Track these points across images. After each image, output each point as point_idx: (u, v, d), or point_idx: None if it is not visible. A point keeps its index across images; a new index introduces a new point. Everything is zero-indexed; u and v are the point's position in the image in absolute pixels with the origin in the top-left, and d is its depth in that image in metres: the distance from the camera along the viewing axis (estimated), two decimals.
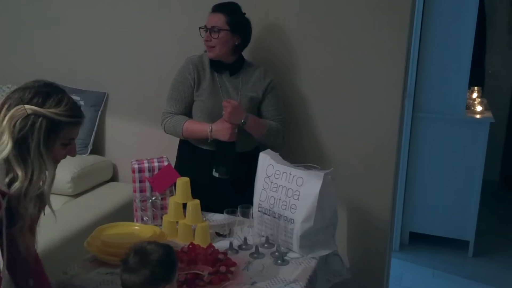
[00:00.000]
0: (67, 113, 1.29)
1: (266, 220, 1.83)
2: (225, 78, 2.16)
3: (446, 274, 3.11)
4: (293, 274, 1.61)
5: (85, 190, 2.53)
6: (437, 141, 3.26)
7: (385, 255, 2.38)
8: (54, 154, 1.31)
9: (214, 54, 2.11)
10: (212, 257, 1.59)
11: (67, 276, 1.57)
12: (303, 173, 1.76)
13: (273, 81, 2.20)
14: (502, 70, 4.52)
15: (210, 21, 2.10)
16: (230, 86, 2.15)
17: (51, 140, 1.29)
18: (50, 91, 1.30)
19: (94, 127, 2.65)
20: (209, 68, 2.15)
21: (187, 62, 2.17)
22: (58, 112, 1.28)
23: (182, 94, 2.14)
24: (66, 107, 1.30)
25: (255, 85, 2.17)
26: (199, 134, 2.08)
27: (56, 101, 1.29)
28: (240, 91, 2.15)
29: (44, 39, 2.79)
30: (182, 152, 2.24)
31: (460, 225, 3.32)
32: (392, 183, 2.30)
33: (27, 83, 1.33)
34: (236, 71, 2.16)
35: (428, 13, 3.10)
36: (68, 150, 1.36)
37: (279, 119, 2.20)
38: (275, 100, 2.20)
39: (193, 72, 2.12)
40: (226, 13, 2.09)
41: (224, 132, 2.02)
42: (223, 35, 2.08)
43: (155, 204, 1.96)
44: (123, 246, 1.65)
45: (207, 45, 2.11)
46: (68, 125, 1.31)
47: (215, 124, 2.04)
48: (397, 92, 2.22)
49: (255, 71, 2.19)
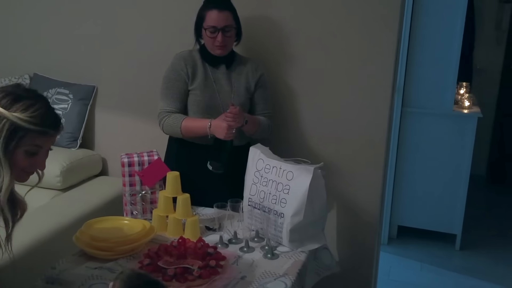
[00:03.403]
0: (33, 120, 1.23)
1: (256, 214, 1.84)
2: (218, 72, 2.14)
3: (433, 267, 3.15)
4: (283, 268, 1.61)
5: (74, 184, 2.52)
6: (426, 135, 3.29)
7: (373, 248, 2.40)
8: (16, 161, 1.25)
9: (224, 52, 2.08)
10: (201, 251, 1.59)
11: (55, 271, 1.56)
12: (293, 168, 1.77)
13: (264, 75, 2.20)
14: (490, 65, 4.57)
15: (219, 20, 2.01)
16: (223, 79, 2.14)
17: (12, 145, 1.23)
18: (23, 96, 1.25)
19: (83, 121, 2.63)
20: (201, 63, 2.13)
21: (178, 58, 2.13)
22: (21, 117, 1.22)
23: (177, 91, 2.11)
24: (34, 113, 1.24)
25: (248, 77, 2.16)
26: (198, 131, 2.05)
27: (25, 106, 1.23)
28: (234, 84, 2.14)
29: (33, 32, 2.75)
30: (172, 146, 2.23)
31: (447, 219, 3.36)
32: (381, 177, 2.32)
33: (8, 85, 1.29)
34: (231, 64, 2.16)
35: (418, 9, 3.11)
36: (34, 161, 1.29)
37: (267, 113, 2.21)
38: (265, 94, 2.20)
39: (186, 68, 2.10)
40: (231, 9, 2.06)
41: (221, 130, 1.99)
42: (233, 32, 2.07)
43: (145, 198, 1.96)
44: (112, 240, 1.66)
45: (218, 45, 2.05)
46: (32, 133, 1.24)
47: (215, 120, 2.02)
48: (387, 86, 2.23)
49: (247, 63, 2.19)
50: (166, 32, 2.48)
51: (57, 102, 2.60)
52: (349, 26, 2.23)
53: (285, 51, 2.33)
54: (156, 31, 2.51)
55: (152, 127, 2.22)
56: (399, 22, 2.18)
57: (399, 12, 2.16)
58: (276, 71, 2.35)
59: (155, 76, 2.22)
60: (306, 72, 2.33)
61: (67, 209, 2.23)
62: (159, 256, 1.58)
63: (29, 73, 2.75)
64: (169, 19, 2.46)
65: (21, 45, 2.78)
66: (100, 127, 2.72)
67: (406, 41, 3.11)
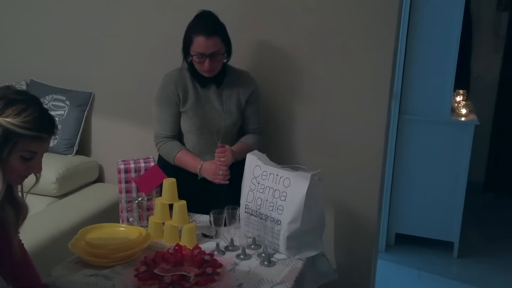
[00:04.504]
0: (26, 125, 1.21)
1: (253, 221, 1.83)
2: (209, 91, 2.11)
3: (431, 275, 3.14)
4: (280, 275, 1.61)
5: (71, 191, 2.51)
6: (423, 143, 3.29)
7: (371, 256, 2.39)
8: (11, 167, 1.24)
9: (213, 74, 2.05)
10: (198, 258, 1.58)
11: (51, 278, 1.55)
12: (290, 174, 1.77)
13: (255, 90, 2.18)
14: (487, 73, 4.58)
15: (206, 47, 1.96)
16: (214, 98, 2.11)
17: (5, 151, 1.21)
18: (15, 99, 1.23)
19: (80, 127, 2.63)
20: (191, 82, 2.09)
21: (167, 82, 2.09)
22: (14, 123, 1.20)
23: (170, 116, 2.09)
24: (27, 118, 1.22)
25: (239, 93, 2.14)
26: (189, 168, 2.07)
27: (17, 111, 1.21)
28: (225, 102, 2.12)
29: (29, 38, 2.75)
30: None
31: (445, 227, 3.35)
32: (378, 185, 2.32)
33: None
34: (222, 81, 2.12)
35: (415, 16, 3.12)
36: (30, 166, 1.28)
37: (257, 128, 2.21)
38: (256, 109, 2.20)
39: (177, 91, 2.07)
40: (220, 33, 2.00)
41: (210, 173, 2.02)
42: (222, 56, 2.03)
43: (141, 205, 1.95)
44: (108, 247, 1.65)
45: (206, 69, 2.01)
46: (26, 138, 1.23)
47: (206, 163, 2.04)
48: (385, 94, 2.24)
49: (238, 78, 2.15)
50: (163, 39, 2.48)
51: (54, 109, 2.60)
52: (346, 32, 2.23)
53: (282, 56, 2.33)
54: (153, 37, 2.51)
55: (149, 133, 2.22)
56: (396, 29, 2.19)
57: (397, 18, 2.17)
58: (273, 76, 2.35)
59: (152, 83, 2.21)
60: (304, 79, 2.33)
61: (63, 216, 2.22)
62: (155, 263, 1.57)
63: (26, 79, 2.74)
64: (166, 25, 2.46)
65: (18, 52, 2.78)
66: (97, 133, 2.71)
67: (403, 48, 3.12)
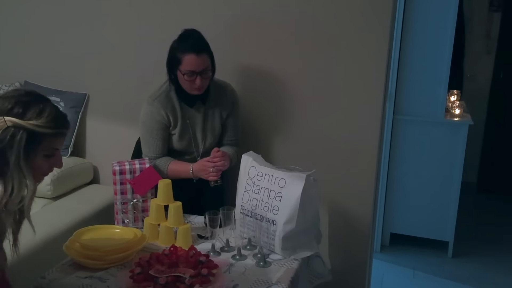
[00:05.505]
0: (49, 124, 1.26)
1: (248, 222, 1.83)
2: (194, 110, 2.10)
3: (426, 274, 3.15)
4: (275, 276, 1.61)
5: (65, 192, 2.50)
6: (417, 143, 3.30)
7: (366, 256, 2.40)
8: (37, 167, 1.27)
9: (202, 91, 2.04)
10: (193, 259, 1.58)
11: (45, 280, 1.54)
12: (285, 175, 1.77)
13: (236, 104, 2.19)
14: (480, 73, 4.62)
15: (197, 65, 1.94)
16: (199, 117, 2.11)
17: (32, 153, 1.25)
18: (30, 101, 1.26)
19: (75, 129, 2.62)
20: (178, 104, 2.07)
21: (157, 107, 2.04)
22: (39, 124, 1.24)
23: (161, 139, 2.08)
24: (48, 118, 1.26)
25: (222, 107, 2.14)
26: (182, 176, 2.06)
27: (37, 112, 1.25)
28: (208, 120, 2.12)
29: (24, 39, 2.74)
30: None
31: (439, 226, 3.37)
32: (373, 185, 2.32)
33: (7, 92, 1.29)
34: (207, 98, 2.11)
35: (409, 17, 3.14)
36: (53, 162, 1.32)
37: (234, 140, 2.22)
38: (235, 121, 2.20)
39: (167, 115, 2.05)
40: (208, 50, 1.99)
41: (204, 173, 2.01)
42: (210, 72, 2.02)
43: (136, 206, 1.95)
44: (102, 249, 1.64)
45: (197, 87, 1.99)
46: (50, 137, 1.27)
47: (195, 165, 2.03)
48: (379, 94, 2.24)
49: (221, 92, 2.14)
50: (158, 40, 2.46)
51: None
52: (340, 34, 2.24)
53: (276, 57, 2.33)
54: (148, 39, 2.50)
55: None
56: (390, 30, 2.20)
57: (390, 20, 2.18)
58: (267, 77, 2.35)
59: (146, 84, 2.21)
60: (297, 80, 2.33)
61: (58, 218, 2.21)
62: (150, 264, 1.57)
63: (20, 80, 2.73)
64: (161, 27, 2.46)
65: (12, 53, 2.77)
66: (92, 135, 2.70)
67: (397, 49, 3.13)
